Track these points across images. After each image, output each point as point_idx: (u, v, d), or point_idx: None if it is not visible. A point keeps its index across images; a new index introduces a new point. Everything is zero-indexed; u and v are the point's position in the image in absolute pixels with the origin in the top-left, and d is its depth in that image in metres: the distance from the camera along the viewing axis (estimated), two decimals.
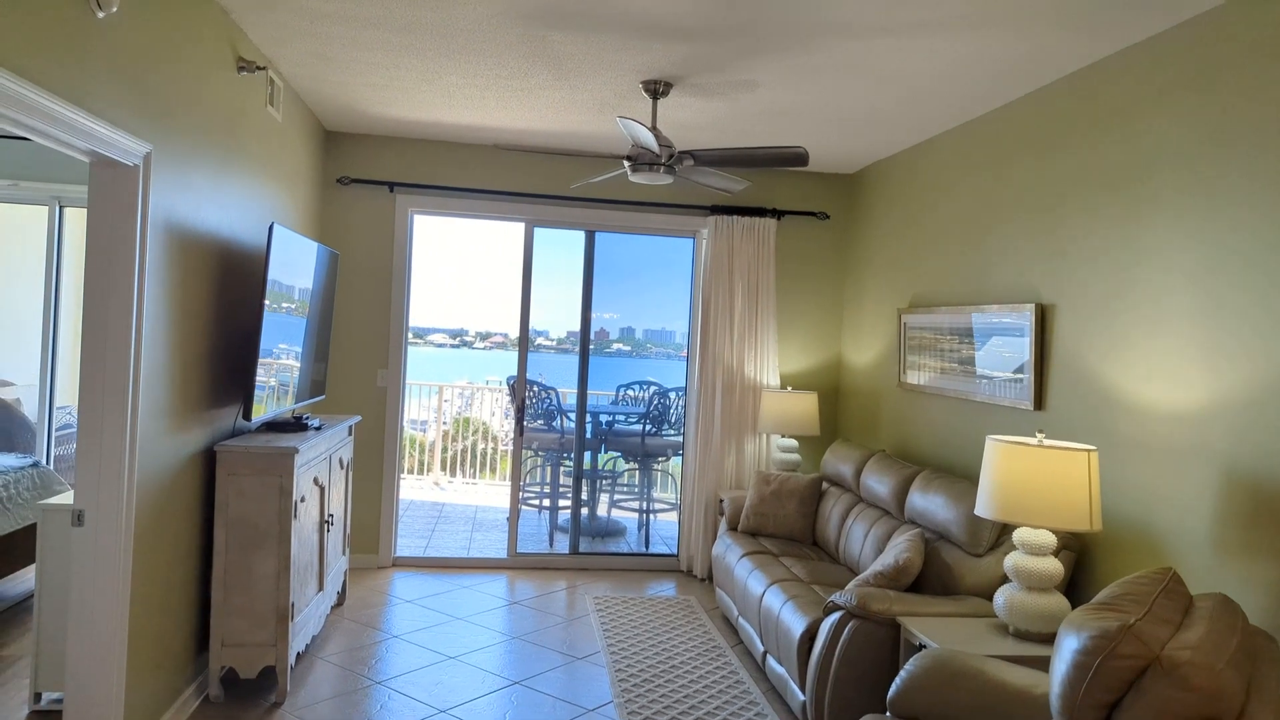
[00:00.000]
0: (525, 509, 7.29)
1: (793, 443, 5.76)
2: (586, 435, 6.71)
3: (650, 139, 3.86)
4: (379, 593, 5.26)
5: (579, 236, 6.09)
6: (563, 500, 7.10)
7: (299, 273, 4.19)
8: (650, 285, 7.63)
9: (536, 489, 7.56)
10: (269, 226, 3.72)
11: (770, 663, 4.00)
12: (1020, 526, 3.29)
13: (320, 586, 4.29)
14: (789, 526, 5.05)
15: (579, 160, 5.89)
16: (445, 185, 5.75)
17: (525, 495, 7.30)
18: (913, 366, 4.99)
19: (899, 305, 5.26)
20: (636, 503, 7.34)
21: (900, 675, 2.70)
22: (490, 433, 9.81)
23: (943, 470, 4.46)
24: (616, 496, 7.62)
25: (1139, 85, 3.30)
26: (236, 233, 3.92)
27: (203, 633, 3.73)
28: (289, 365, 4.17)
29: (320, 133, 5.48)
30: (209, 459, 3.70)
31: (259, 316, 3.65)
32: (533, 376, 7.42)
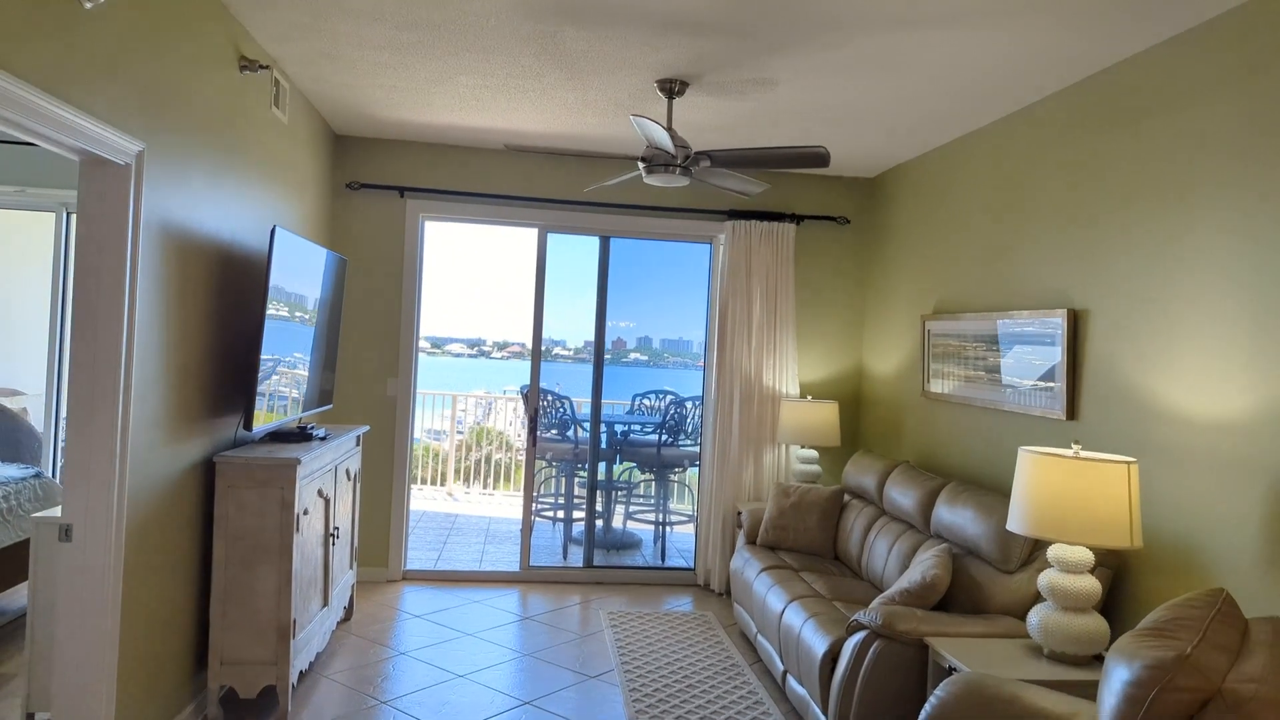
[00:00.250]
0: (539, 521, 7.15)
1: (813, 454, 5.59)
2: (601, 445, 6.57)
3: (665, 138, 3.73)
4: (388, 607, 5.13)
5: (595, 245, 5.95)
6: (577, 512, 6.96)
7: (305, 278, 4.08)
8: (667, 294, 7.49)
9: (551, 500, 7.42)
10: (271, 229, 3.61)
11: (791, 683, 3.83)
12: (1055, 542, 3.11)
13: (325, 602, 4.16)
14: (809, 540, 4.88)
15: (592, 164, 5.76)
16: (457, 190, 5.63)
17: (539, 507, 7.17)
18: (937, 375, 4.81)
19: (922, 312, 5.09)
20: (652, 514, 7.19)
21: (930, 702, 2.53)
22: (508, 443, 9.69)
23: (970, 482, 4.29)
24: (632, 508, 7.47)
25: (1184, 76, 3.13)
26: (239, 237, 3.81)
27: (201, 651, 3.61)
28: (294, 373, 4.05)
29: (329, 137, 5.38)
30: (208, 470, 3.58)
31: (260, 322, 3.54)
32: (549, 386, 7.29)
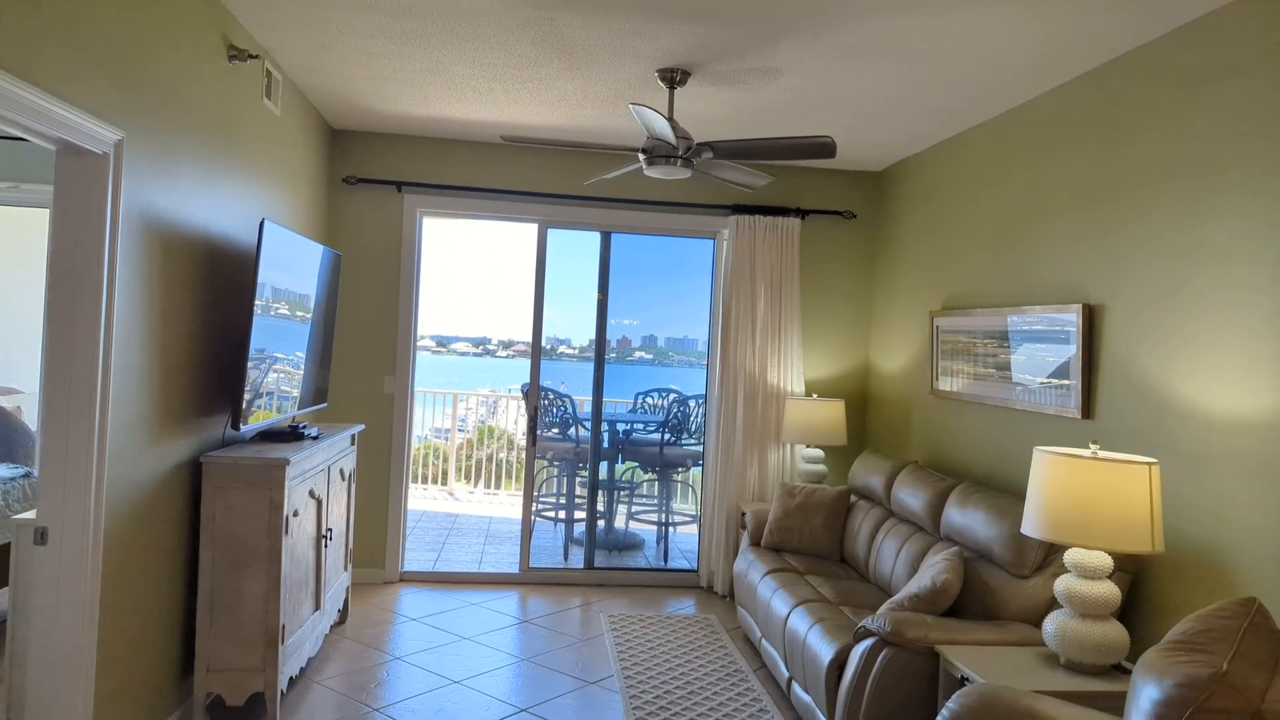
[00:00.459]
0: (540, 521, 7.04)
1: (818, 453, 5.47)
2: (603, 444, 6.46)
3: (666, 128, 3.61)
4: (384, 610, 5.02)
5: (597, 241, 5.83)
6: (578, 512, 6.84)
7: (297, 273, 3.97)
8: (673, 291, 7.39)
9: (552, 500, 7.31)
10: (260, 222, 3.50)
11: (796, 690, 3.71)
12: (1072, 546, 2.99)
13: (317, 605, 4.06)
14: (815, 542, 4.76)
15: (592, 157, 5.65)
16: (455, 185, 5.52)
17: (540, 507, 7.05)
18: (946, 372, 4.69)
19: (931, 308, 4.97)
20: (655, 515, 7.07)
21: (942, 714, 2.41)
22: (511, 441, 9.58)
23: (981, 483, 4.17)
24: (634, 508, 7.35)
25: (1207, 61, 3.00)
26: (228, 232, 3.70)
27: (187, 657, 3.50)
28: (285, 371, 3.95)
29: (325, 131, 5.27)
30: (195, 471, 3.47)
31: (249, 318, 3.43)
32: (553, 384, 7.18)
